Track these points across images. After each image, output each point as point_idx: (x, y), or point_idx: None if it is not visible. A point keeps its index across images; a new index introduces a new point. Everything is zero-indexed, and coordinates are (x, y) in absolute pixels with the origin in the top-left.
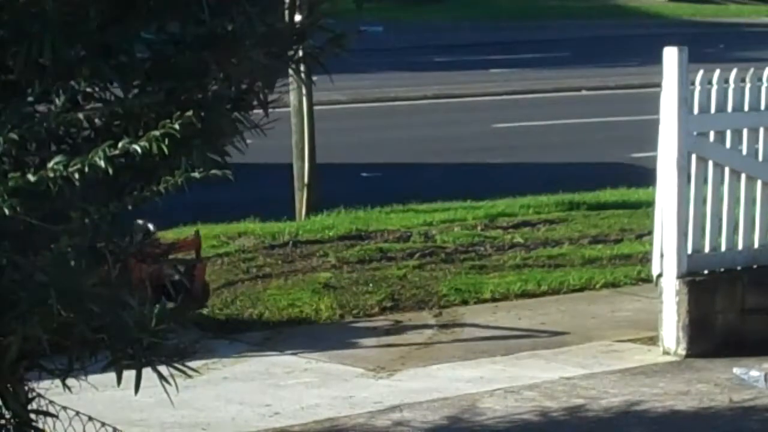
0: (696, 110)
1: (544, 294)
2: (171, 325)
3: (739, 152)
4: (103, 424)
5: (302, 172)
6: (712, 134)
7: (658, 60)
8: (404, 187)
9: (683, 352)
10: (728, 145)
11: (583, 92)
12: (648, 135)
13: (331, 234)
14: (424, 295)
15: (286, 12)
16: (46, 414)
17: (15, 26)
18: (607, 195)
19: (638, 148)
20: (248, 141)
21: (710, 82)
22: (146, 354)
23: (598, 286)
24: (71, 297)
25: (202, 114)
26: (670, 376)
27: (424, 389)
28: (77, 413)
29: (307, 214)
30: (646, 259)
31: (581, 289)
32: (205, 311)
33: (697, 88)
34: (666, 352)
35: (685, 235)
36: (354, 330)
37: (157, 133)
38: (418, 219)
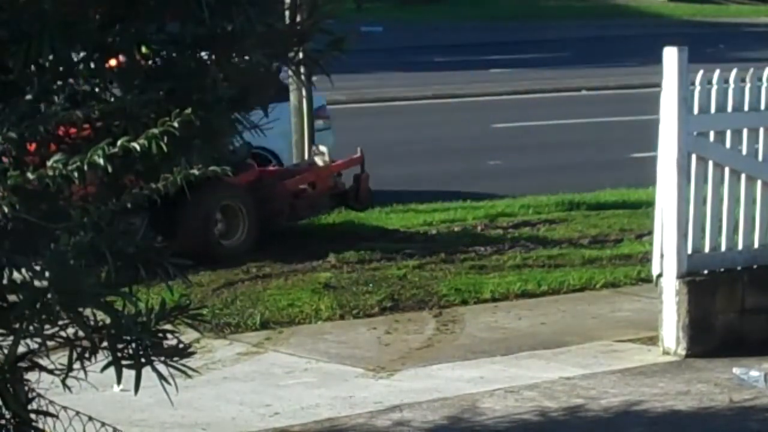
0: (696, 110)
1: (544, 294)
2: (174, 325)
3: (739, 152)
4: (103, 424)
5: None
6: (712, 134)
7: (658, 60)
8: (404, 187)
9: (683, 352)
10: (728, 145)
11: (583, 92)
12: (648, 135)
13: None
14: (424, 295)
15: (287, 13)
16: (46, 414)
17: (15, 26)
18: (607, 195)
19: (638, 148)
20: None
21: (710, 82)
22: (146, 354)
23: (598, 286)
24: (71, 297)
25: (202, 114)
26: (670, 376)
27: (424, 389)
28: (77, 413)
29: None
30: (646, 259)
31: (581, 289)
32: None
33: (697, 88)
34: (666, 352)
35: (685, 235)
36: (354, 330)
37: (156, 131)
38: (418, 219)
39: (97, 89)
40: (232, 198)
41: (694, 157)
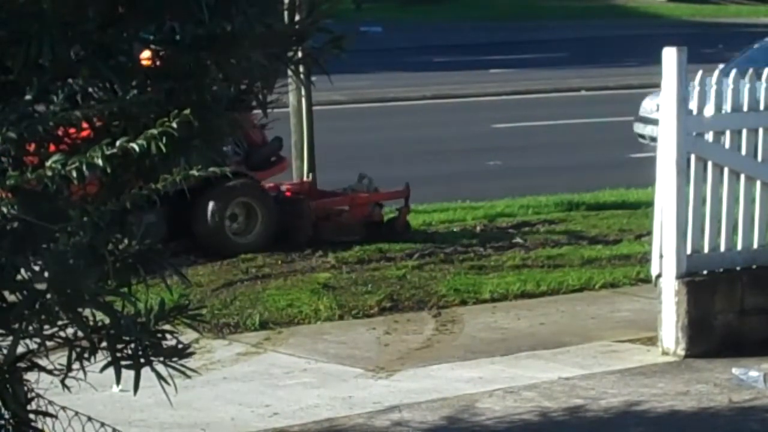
0: (695, 111)
1: (543, 294)
2: (174, 325)
3: (738, 152)
4: (103, 424)
5: (302, 172)
6: (711, 134)
7: (657, 60)
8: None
9: (682, 353)
10: (727, 145)
11: (583, 92)
12: None
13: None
14: (423, 296)
15: (286, 13)
16: (46, 414)
17: (14, 26)
18: (606, 195)
19: (638, 148)
20: None
21: (709, 83)
22: (145, 354)
23: (597, 286)
24: (70, 297)
25: (201, 114)
26: (669, 377)
27: (423, 389)
28: (76, 413)
29: None
30: (645, 259)
31: (580, 290)
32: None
33: (696, 88)
34: (665, 353)
35: (684, 235)
36: (353, 330)
37: (155, 131)
38: (417, 219)
39: (96, 89)
40: (249, 196)
41: (693, 157)
